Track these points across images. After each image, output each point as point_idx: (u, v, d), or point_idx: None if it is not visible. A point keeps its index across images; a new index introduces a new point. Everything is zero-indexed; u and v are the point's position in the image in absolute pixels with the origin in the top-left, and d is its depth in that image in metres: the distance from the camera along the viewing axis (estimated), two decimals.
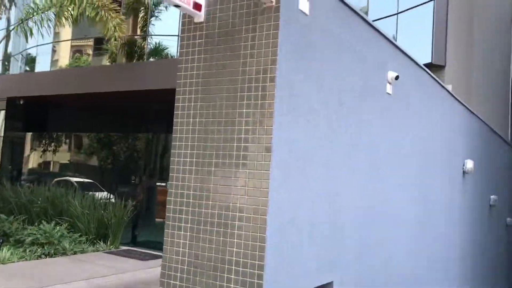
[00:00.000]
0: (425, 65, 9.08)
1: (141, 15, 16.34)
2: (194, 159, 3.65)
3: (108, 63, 16.65)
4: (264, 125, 3.34)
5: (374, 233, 4.97)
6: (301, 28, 3.61)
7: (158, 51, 16.03)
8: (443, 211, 7.35)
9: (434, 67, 9.46)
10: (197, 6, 3.55)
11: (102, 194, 12.82)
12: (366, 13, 12.85)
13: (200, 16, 3.62)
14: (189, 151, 3.69)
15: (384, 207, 5.22)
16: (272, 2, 3.33)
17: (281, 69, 3.38)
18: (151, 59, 15.61)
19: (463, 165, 8.16)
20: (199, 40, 3.69)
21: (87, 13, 9.79)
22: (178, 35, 14.52)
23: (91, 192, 12.60)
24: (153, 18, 15.92)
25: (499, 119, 13.94)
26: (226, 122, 3.53)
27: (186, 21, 3.76)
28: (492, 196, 10.27)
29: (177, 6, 3.40)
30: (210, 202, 3.49)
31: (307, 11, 3.61)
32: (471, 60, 11.70)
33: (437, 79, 6.94)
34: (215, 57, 3.62)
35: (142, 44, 15.87)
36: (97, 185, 13.76)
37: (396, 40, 11.23)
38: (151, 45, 16.01)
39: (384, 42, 5.14)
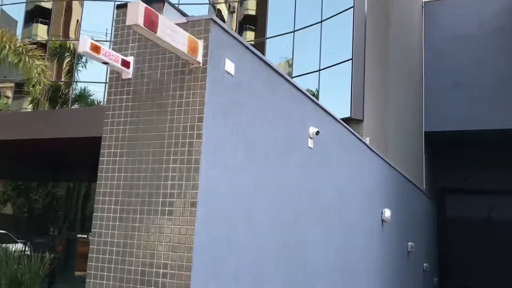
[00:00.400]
0: (345, 119, 9.65)
1: (66, 60, 16.06)
2: (118, 214, 3.61)
3: (30, 108, 16.02)
4: (190, 180, 3.41)
5: (297, 281, 5.08)
6: (227, 87, 3.78)
7: (83, 96, 15.71)
8: (363, 259, 7.65)
9: (353, 121, 10.07)
10: (126, 63, 3.63)
11: (16, 246, 11.99)
12: (291, 65, 13.53)
13: (128, 73, 3.69)
14: (112, 206, 3.65)
15: (307, 256, 5.37)
16: (199, 63, 3.49)
17: (207, 126, 3.50)
18: (76, 105, 15.26)
19: (382, 214, 8.60)
20: (127, 96, 3.74)
21: (9, 59, 9.48)
22: (105, 82, 14.36)
23: (4, 244, 11.74)
24: (80, 64, 15.68)
25: (414, 169, 14.91)
26: (152, 177, 3.56)
27: (114, 76, 3.82)
28: (409, 243, 10.83)
29: (105, 63, 3.46)
30: (134, 259, 3.44)
31: (232, 72, 3.80)
32: (387, 113, 12.58)
33: (355, 133, 7.39)
34: (142, 112, 3.68)
35: (66, 90, 15.50)
36: (11, 237, 12.87)
37: (318, 95, 11.93)
38: (76, 90, 15.69)
39: (306, 100, 5.45)
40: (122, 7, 3.85)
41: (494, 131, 16.33)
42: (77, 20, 16.98)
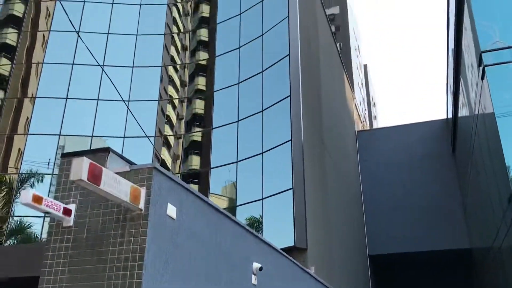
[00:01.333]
0: (289, 248, 9.71)
1: (2, 193, 15.55)
2: None
3: None
4: None
5: None
6: (168, 231, 3.85)
7: (20, 230, 14.98)
8: None
9: (297, 250, 10.13)
10: (67, 212, 3.67)
11: None
12: (236, 188, 13.78)
13: (69, 221, 3.71)
14: None
15: None
16: (141, 210, 3.59)
17: (147, 274, 3.49)
18: (12, 240, 14.48)
19: None
20: (66, 244, 3.71)
21: None
22: (44, 216, 13.86)
23: None
24: (18, 197, 15.19)
25: None
26: None
27: (54, 224, 3.81)
28: None
29: (46, 212, 3.49)
30: None
31: (174, 215, 3.91)
32: (330, 240, 12.80)
33: (299, 264, 7.44)
34: (81, 261, 3.63)
35: (0, 224, 14.77)
36: None
37: (263, 222, 12.06)
38: (12, 224, 14.99)
39: (249, 236, 5.57)
40: (67, 156, 3.99)
41: (430, 253, 16.83)
42: (19, 149, 16.82)
